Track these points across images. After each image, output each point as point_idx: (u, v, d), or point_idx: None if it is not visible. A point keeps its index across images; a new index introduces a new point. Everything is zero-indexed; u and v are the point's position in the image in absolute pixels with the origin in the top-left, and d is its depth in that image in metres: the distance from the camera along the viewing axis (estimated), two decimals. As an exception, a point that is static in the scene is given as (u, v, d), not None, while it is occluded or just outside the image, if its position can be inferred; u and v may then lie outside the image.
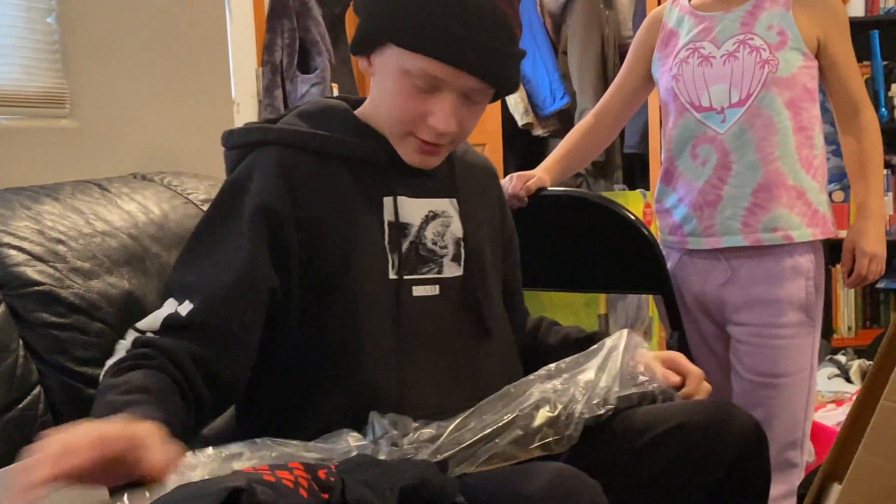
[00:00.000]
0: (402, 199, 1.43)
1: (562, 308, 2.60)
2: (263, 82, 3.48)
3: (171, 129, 2.10)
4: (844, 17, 2.01)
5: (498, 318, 1.53)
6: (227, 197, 1.39)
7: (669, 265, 2.10)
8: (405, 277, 1.41)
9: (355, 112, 1.47)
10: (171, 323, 1.28)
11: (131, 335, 1.30)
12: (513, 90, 1.44)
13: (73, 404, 1.41)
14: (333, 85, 3.67)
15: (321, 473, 0.97)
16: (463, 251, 1.47)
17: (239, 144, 1.44)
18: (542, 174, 2.04)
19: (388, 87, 1.38)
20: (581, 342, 1.58)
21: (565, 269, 1.79)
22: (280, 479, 0.92)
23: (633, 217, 1.94)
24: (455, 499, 1.12)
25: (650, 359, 1.47)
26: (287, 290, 1.37)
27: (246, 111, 3.35)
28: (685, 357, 1.52)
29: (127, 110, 1.98)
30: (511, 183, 2.02)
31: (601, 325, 2.78)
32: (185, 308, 1.29)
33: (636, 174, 4.22)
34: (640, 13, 3.93)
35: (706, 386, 1.50)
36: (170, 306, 1.30)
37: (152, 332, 1.29)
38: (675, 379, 1.48)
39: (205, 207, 1.74)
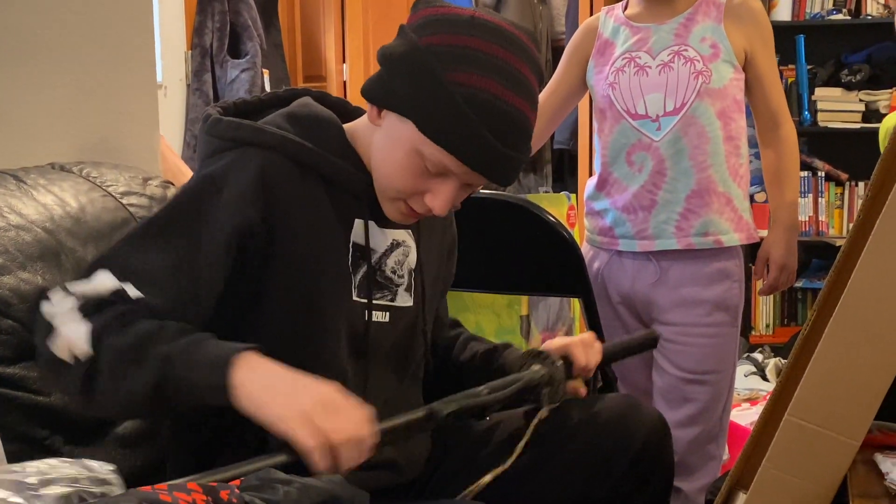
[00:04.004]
0: (371, 224, 1.40)
1: (484, 308, 2.63)
2: (192, 66, 3.43)
3: (93, 114, 2.05)
4: (770, 32, 2.09)
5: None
6: (200, 195, 1.33)
7: (597, 265, 2.14)
8: (366, 301, 1.39)
9: (345, 126, 1.42)
10: (123, 298, 1.24)
11: (67, 299, 1.23)
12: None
13: (-18, 401, 1.38)
14: (264, 70, 3.63)
15: (223, 494, 0.96)
16: (414, 282, 1.46)
17: (224, 137, 1.37)
18: None
19: (395, 155, 1.32)
20: (485, 356, 1.58)
21: (488, 270, 1.81)
22: (177, 500, 0.92)
23: (554, 221, 1.96)
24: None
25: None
26: (234, 293, 1.33)
27: (173, 95, 3.30)
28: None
29: (46, 95, 1.93)
30: None
31: (523, 326, 2.82)
32: (133, 292, 1.24)
33: (565, 170, 4.26)
34: (573, 10, 3.96)
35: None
36: (111, 282, 1.24)
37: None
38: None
39: (124, 201, 1.71)
